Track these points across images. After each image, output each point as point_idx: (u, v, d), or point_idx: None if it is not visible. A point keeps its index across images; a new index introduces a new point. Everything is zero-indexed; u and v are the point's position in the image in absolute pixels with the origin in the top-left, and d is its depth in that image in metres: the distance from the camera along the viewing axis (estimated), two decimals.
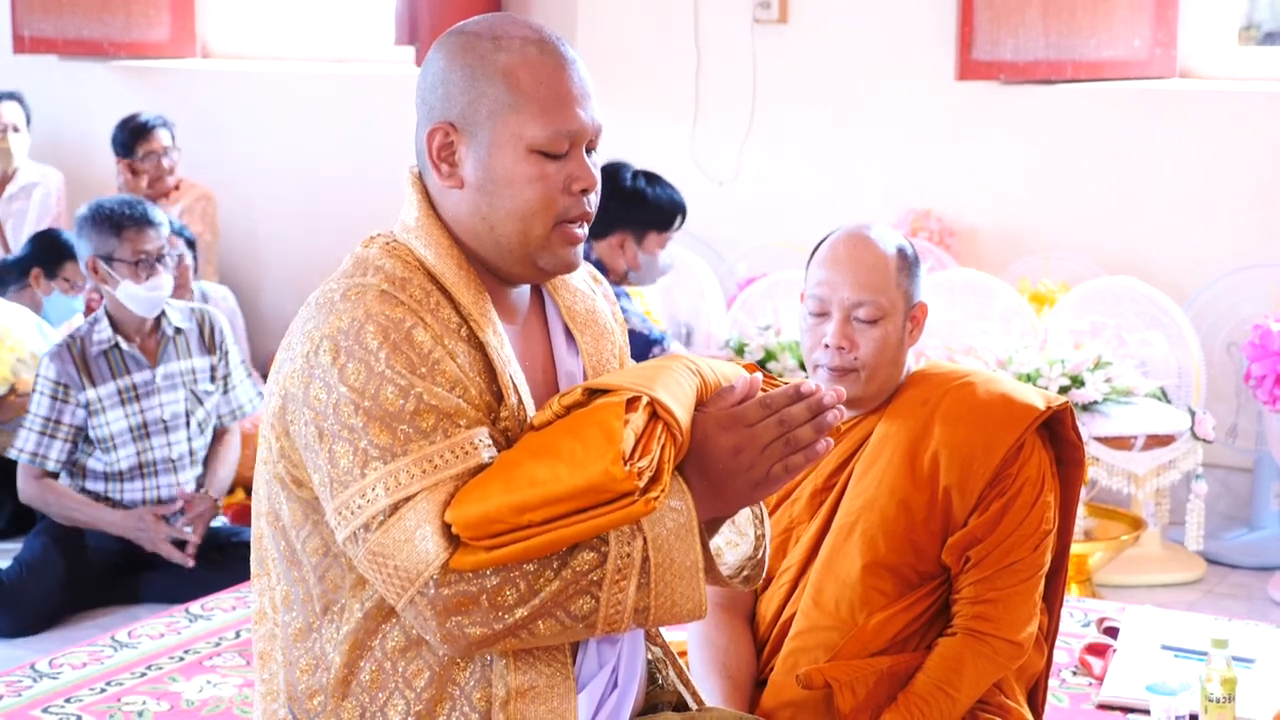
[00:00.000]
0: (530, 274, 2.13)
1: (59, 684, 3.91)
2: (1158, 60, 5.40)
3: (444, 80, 2.08)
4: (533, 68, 2.06)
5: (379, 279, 2.03)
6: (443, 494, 1.95)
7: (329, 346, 1.99)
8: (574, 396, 2.01)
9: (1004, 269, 5.52)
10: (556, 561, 1.94)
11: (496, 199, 2.07)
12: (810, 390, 2.02)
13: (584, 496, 1.90)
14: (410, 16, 6.20)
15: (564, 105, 2.06)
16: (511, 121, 2.05)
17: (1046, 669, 2.96)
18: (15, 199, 6.71)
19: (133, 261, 4.59)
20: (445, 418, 1.97)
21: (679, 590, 1.98)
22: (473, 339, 2.04)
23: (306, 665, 2.09)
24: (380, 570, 1.95)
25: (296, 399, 2.01)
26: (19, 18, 7.25)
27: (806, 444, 2.01)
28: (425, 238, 2.10)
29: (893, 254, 2.81)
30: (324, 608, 2.08)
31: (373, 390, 1.96)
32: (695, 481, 2.00)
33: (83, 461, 4.68)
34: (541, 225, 2.08)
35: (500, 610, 1.93)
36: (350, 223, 6.83)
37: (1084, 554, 4.65)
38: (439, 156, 2.09)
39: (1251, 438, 5.21)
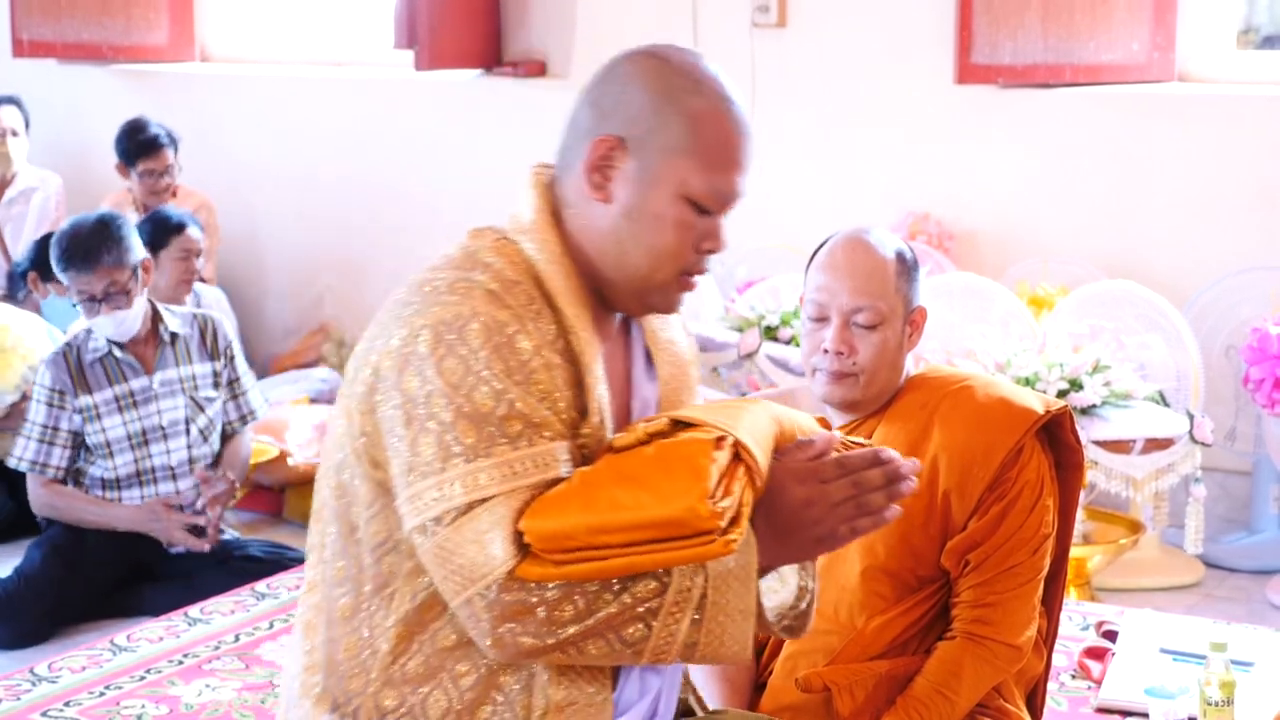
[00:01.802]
0: (633, 308, 2.15)
1: (58, 688, 3.91)
2: (1156, 64, 5.41)
3: (629, 97, 2.08)
4: (718, 125, 2.07)
5: (488, 277, 2.03)
6: (518, 501, 1.95)
7: (429, 336, 1.98)
8: (660, 425, 2.02)
9: (1003, 272, 5.52)
10: (617, 585, 1.94)
11: (639, 229, 2.07)
12: (889, 458, 2.03)
13: (664, 528, 1.90)
14: (409, 20, 6.20)
15: (730, 170, 2.09)
16: (681, 164, 2.06)
17: (1045, 672, 2.96)
18: (14, 203, 6.71)
19: (74, 301, 4.59)
20: (532, 427, 1.98)
21: (729, 631, 1.99)
22: (568, 353, 2.04)
23: (351, 646, 2.09)
24: (443, 565, 1.96)
25: (388, 382, 2.01)
26: (18, 21, 7.25)
27: (876, 509, 2.02)
28: (539, 241, 2.09)
29: (892, 258, 2.81)
30: (375, 590, 2.07)
31: (467, 388, 1.96)
32: (761, 528, 2.00)
33: (83, 468, 4.68)
34: (668, 271, 2.09)
35: (555, 625, 1.94)
36: (350, 226, 6.83)
37: (1083, 557, 4.65)
38: (597, 165, 2.08)
39: (1250, 441, 5.21)
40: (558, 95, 6.28)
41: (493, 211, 5.46)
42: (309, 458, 5.51)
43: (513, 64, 6.37)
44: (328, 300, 6.90)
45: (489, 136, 6.43)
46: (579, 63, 6.30)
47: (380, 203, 6.76)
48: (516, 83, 6.38)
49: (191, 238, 5.60)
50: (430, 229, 6.58)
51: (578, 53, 6.31)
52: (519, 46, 6.42)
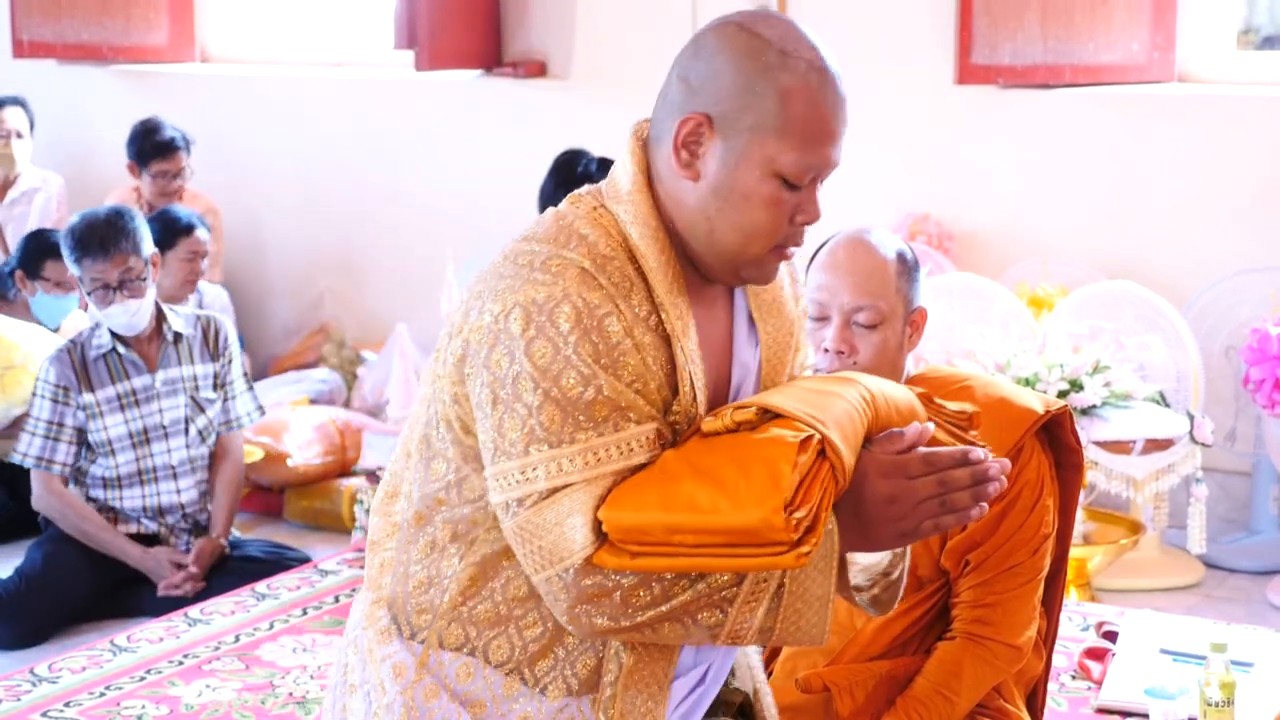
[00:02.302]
0: (728, 280, 2.11)
1: (58, 688, 3.91)
2: (1156, 64, 5.41)
3: (717, 73, 2.03)
4: (809, 98, 2.02)
5: (581, 253, 2.01)
6: (600, 488, 1.96)
7: (520, 315, 1.98)
8: (747, 415, 2.00)
9: (1002, 273, 5.52)
10: (694, 574, 1.96)
11: (727, 207, 2.04)
12: (978, 459, 2.01)
13: (738, 535, 1.91)
14: (409, 20, 6.20)
15: (822, 142, 2.05)
16: (770, 143, 2.02)
17: (1045, 673, 2.96)
18: (16, 204, 6.71)
19: (89, 290, 4.59)
20: (618, 411, 1.98)
21: (806, 617, 1.99)
22: (660, 329, 2.03)
23: (421, 581, 2.12)
24: (525, 545, 1.98)
25: (478, 357, 2.01)
26: (18, 22, 7.25)
27: (961, 508, 2.00)
28: (634, 212, 2.07)
29: (892, 258, 2.81)
30: (453, 535, 2.09)
31: (555, 372, 1.96)
32: (845, 517, 1.99)
33: (84, 468, 4.67)
34: (760, 247, 2.06)
35: (631, 609, 1.96)
36: (350, 226, 6.83)
37: (1083, 558, 4.65)
38: (684, 143, 2.04)
39: (1250, 441, 5.21)
40: (558, 95, 6.29)
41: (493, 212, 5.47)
42: (308, 459, 5.51)
43: (513, 64, 6.37)
44: (328, 301, 6.90)
45: (489, 137, 6.43)
46: (579, 63, 6.30)
47: (380, 203, 6.76)
48: (516, 83, 6.38)
49: (199, 239, 5.60)
50: (430, 229, 6.58)
51: (578, 53, 6.31)
52: (519, 47, 6.42)
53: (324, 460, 5.55)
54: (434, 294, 5.90)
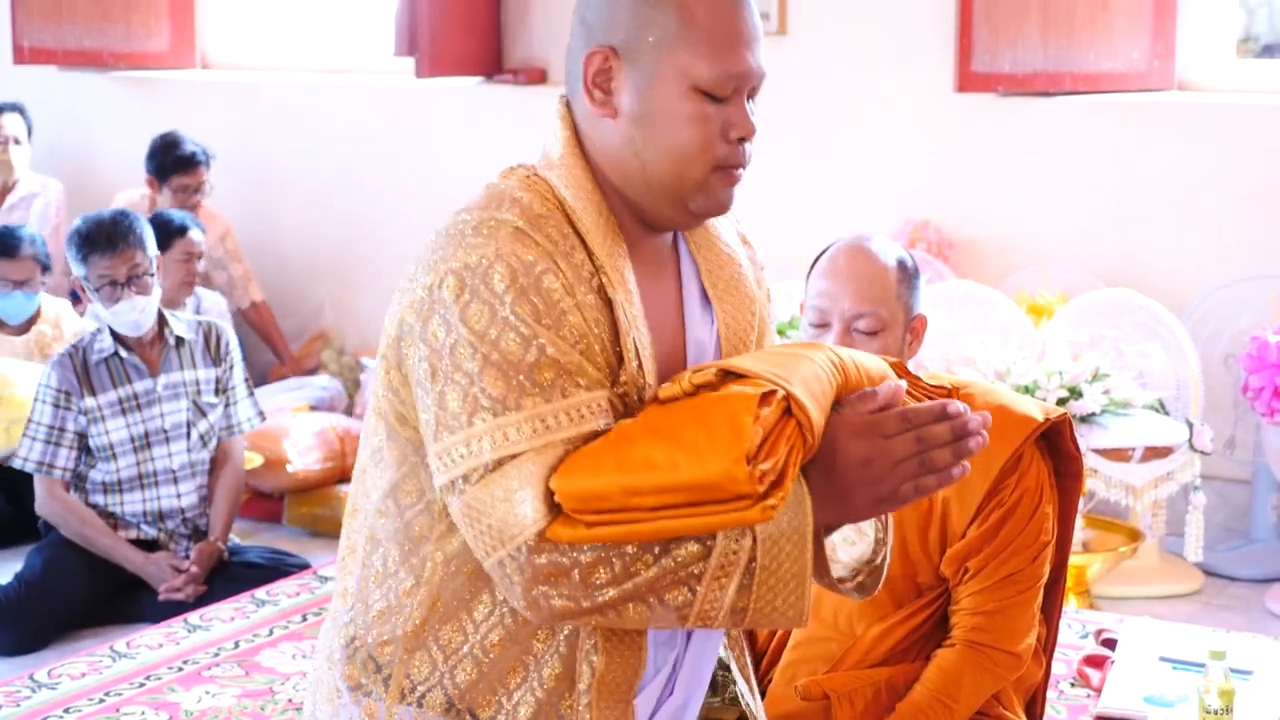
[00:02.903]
0: (678, 217, 2.01)
1: (57, 694, 3.91)
2: (1156, 72, 5.41)
3: (610, 3, 1.96)
4: (709, 2, 1.94)
5: (515, 213, 1.93)
6: (550, 457, 1.85)
7: (454, 282, 1.89)
8: (706, 376, 1.88)
9: (1002, 280, 5.53)
10: (658, 548, 1.83)
11: (652, 133, 1.96)
12: (957, 411, 1.87)
13: (699, 491, 1.78)
14: (410, 27, 6.20)
15: (734, 46, 1.95)
16: (679, 55, 1.94)
17: (1045, 680, 2.97)
18: (15, 210, 6.72)
19: (96, 287, 4.60)
20: (565, 374, 1.87)
21: (781, 596, 1.86)
22: (602, 292, 1.94)
23: (381, 611, 2.02)
24: (474, 525, 1.86)
25: (414, 332, 1.92)
26: (19, 29, 7.26)
27: (942, 466, 1.87)
28: (567, 175, 1.99)
29: (893, 266, 2.81)
30: (404, 555, 2.00)
31: (494, 336, 1.86)
32: (818, 485, 1.87)
33: (84, 473, 4.68)
34: (698, 169, 1.97)
35: (590, 588, 1.83)
36: (350, 233, 6.84)
37: (1082, 565, 4.65)
38: (594, 82, 1.97)
39: (1249, 449, 5.21)
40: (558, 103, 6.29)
41: None
42: (308, 464, 5.51)
43: (513, 71, 6.38)
44: (327, 307, 6.91)
45: (489, 144, 6.44)
46: None
47: (381, 210, 6.77)
48: (517, 90, 6.39)
49: (193, 240, 5.61)
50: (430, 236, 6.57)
51: None
52: (519, 54, 6.42)
53: (324, 466, 5.56)
54: None
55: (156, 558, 4.65)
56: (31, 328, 5.51)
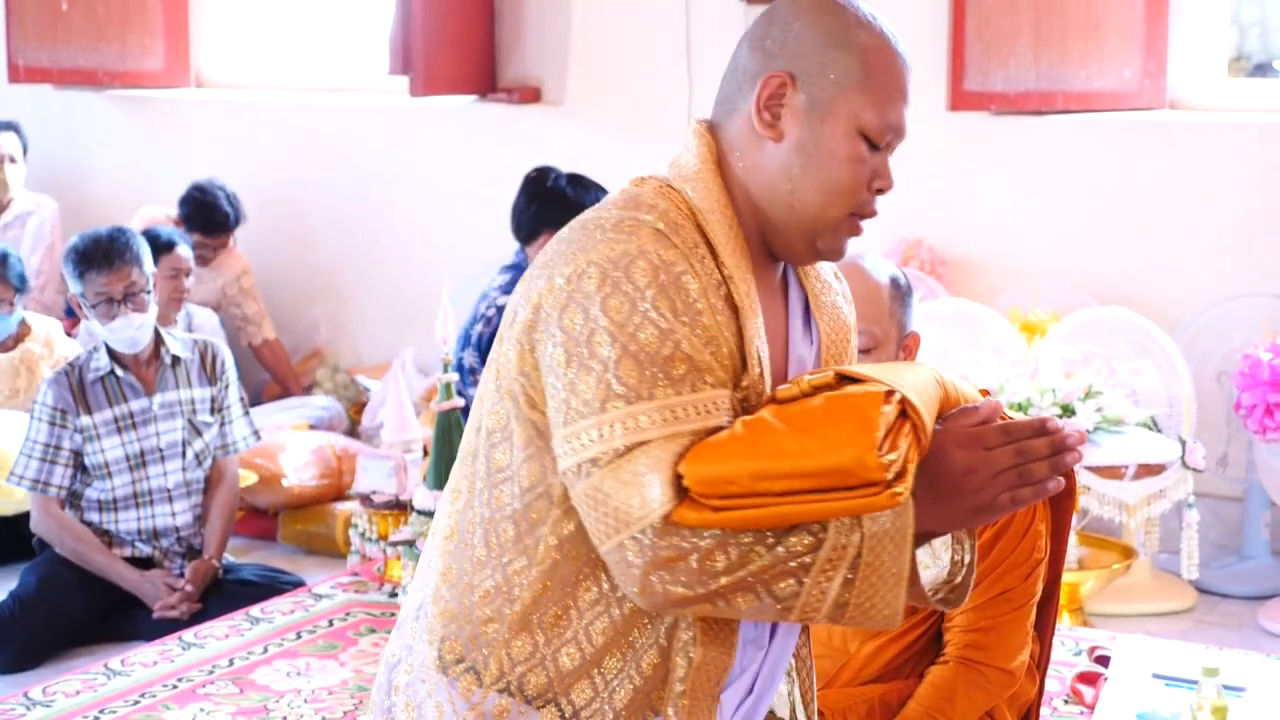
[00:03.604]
0: (802, 251, 2.12)
1: (52, 712, 3.91)
2: (1148, 91, 5.43)
3: (797, 34, 2.07)
4: (887, 58, 2.07)
5: (654, 217, 2.00)
6: (677, 446, 1.92)
7: (596, 274, 1.95)
8: (825, 378, 1.97)
9: (995, 298, 5.54)
10: (771, 537, 1.89)
11: (811, 164, 2.06)
12: (1056, 427, 1.97)
13: (830, 477, 1.86)
14: (404, 46, 6.22)
15: (899, 102, 2.08)
16: (854, 97, 2.05)
17: (1038, 697, 2.97)
18: (10, 228, 6.72)
19: (93, 304, 4.61)
20: (696, 370, 1.95)
21: (880, 594, 1.93)
22: (729, 300, 2.01)
23: (488, 590, 2.06)
24: (597, 508, 1.92)
25: (550, 318, 1.97)
26: (14, 47, 7.27)
27: (1039, 479, 1.96)
28: (704, 190, 2.07)
29: (886, 284, 2.82)
30: (517, 536, 2.04)
31: (632, 327, 1.93)
32: (921, 492, 1.94)
33: (79, 491, 4.68)
34: (840, 209, 2.08)
35: (706, 574, 1.89)
36: (344, 251, 6.84)
37: (1075, 583, 4.65)
38: (767, 103, 2.06)
39: (1242, 467, 5.22)
40: (552, 121, 6.31)
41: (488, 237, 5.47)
42: (303, 480, 5.51)
43: (507, 90, 6.39)
44: (322, 325, 6.91)
45: (484, 162, 6.45)
46: (573, 89, 6.32)
47: (375, 228, 6.77)
48: (511, 109, 6.40)
49: (180, 256, 5.62)
50: (425, 254, 6.59)
51: (572, 79, 6.33)
52: (513, 72, 6.44)
53: (318, 483, 5.55)
54: (429, 319, 5.91)
55: (151, 575, 4.65)
56: (17, 345, 5.50)
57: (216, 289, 6.48)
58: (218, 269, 6.48)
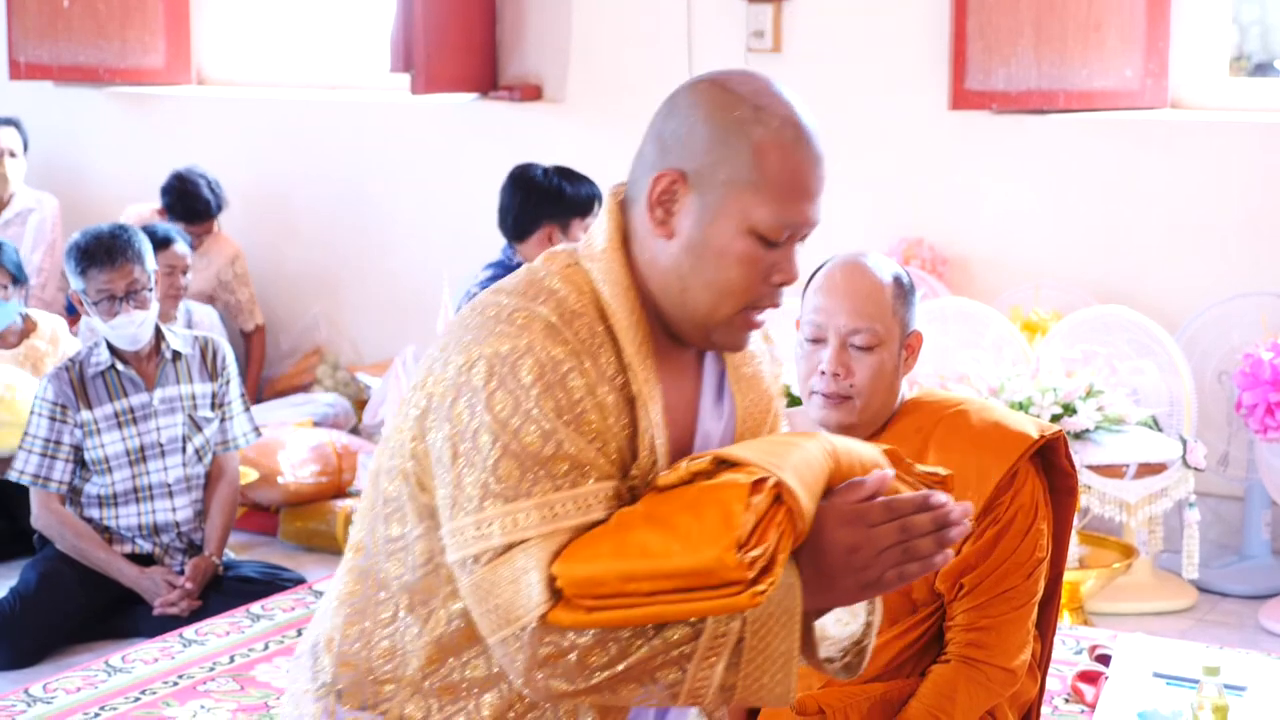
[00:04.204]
0: (698, 343, 2.09)
1: (53, 708, 3.91)
2: (1149, 90, 5.43)
3: (690, 129, 2.02)
4: (784, 152, 2.01)
5: (549, 307, 1.99)
6: (556, 543, 1.93)
7: (484, 367, 1.96)
8: (702, 464, 1.97)
9: (996, 297, 5.54)
10: (651, 629, 1.91)
11: (701, 264, 2.02)
12: (939, 503, 1.96)
13: (692, 577, 1.86)
14: (405, 44, 6.22)
15: (799, 199, 2.02)
16: (745, 197, 2.00)
17: (1039, 696, 2.97)
18: (10, 224, 6.72)
19: (95, 301, 4.61)
20: (578, 467, 1.95)
21: (768, 674, 1.94)
22: (625, 390, 2.01)
23: (385, 651, 2.08)
24: (480, 604, 1.95)
25: (440, 410, 1.99)
26: (15, 44, 7.27)
27: (924, 555, 1.95)
28: (607, 270, 2.05)
29: (889, 282, 2.82)
30: (411, 606, 2.06)
31: (515, 425, 1.94)
32: (806, 570, 1.95)
33: (79, 486, 4.68)
34: (731, 306, 2.03)
35: (588, 669, 1.91)
36: (346, 249, 6.84)
37: (1076, 581, 4.66)
38: (658, 200, 2.03)
39: (1243, 466, 5.22)
40: (553, 119, 6.31)
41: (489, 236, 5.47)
42: (300, 478, 5.51)
43: (508, 88, 6.39)
44: (322, 324, 6.91)
45: (484, 160, 6.45)
46: (574, 87, 6.32)
47: (376, 226, 6.77)
48: (512, 107, 6.40)
49: (177, 253, 5.62)
50: (426, 252, 6.59)
51: (573, 77, 6.33)
52: (515, 70, 6.44)
53: (317, 480, 5.55)
54: (429, 317, 5.91)
55: (151, 572, 4.65)
56: (23, 341, 5.50)
57: (211, 276, 6.47)
58: (208, 255, 6.46)
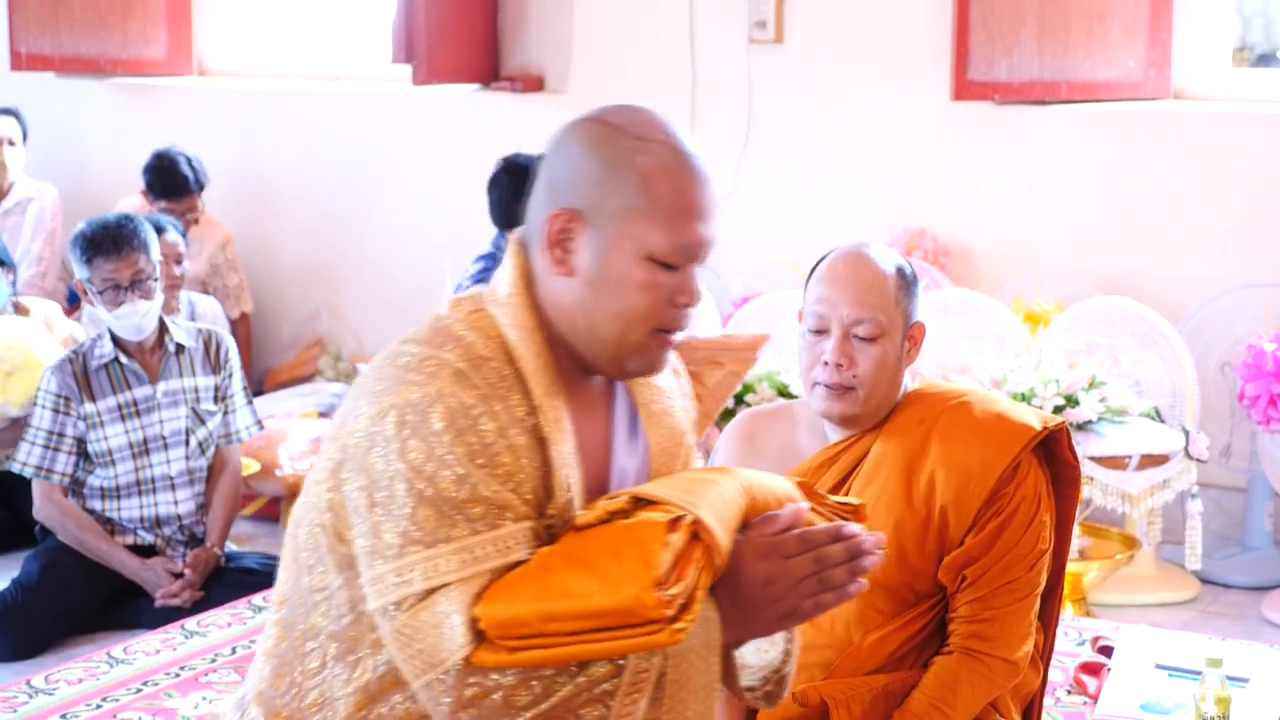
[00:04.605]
0: (614, 372, 2.12)
1: (54, 700, 3.91)
2: (1152, 81, 5.43)
3: (577, 167, 2.05)
4: (669, 176, 2.04)
5: (456, 355, 2.01)
6: (476, 585, 1.95)
7: (395, 417, 1.98)
8: (619, 504, 2.00)
9: (998, 288, 5.54)
10: (574, 668, 1.93)
11: (603, 296, 2.05)
12: (851, 534, 2.01)
13: (612, 617, 1.89)
14: (407, 34, 6.21)
15: (690, 220, 2.05)
16: (638, 225, 2.03)
17: (1042, 688, 2.97)
18: (10, 214, 6.72)
19: (100, 290, 4.60)
20: (494, 509, 1.97)
21: (691, 707, 1.98)
22: (537, 430, 2.03)
23: (314, 701, 2.10)
24: (404, 649, 1.97)
25: (355, 461, 2.01)
26: (16, 35, 7.26)
27: (838, 585, 2.00)
28: (513, 315, 2.07)
29: (892, 273, 2.82)
30: (338, 655, 2.08)
31: (429, 472, 1.96)
32: (724, 604, 1.99)
33: (81, 478, 4.68)
34: (640, 332, 2.07)
35: (513, 709, 1.93)
36: (347, 240, 6.84)
37: (1078, 573, 4.65)
38: (555, 240, 2.06)
39: (1245, 457, 5.22)
40: (555, 110, 6.30)
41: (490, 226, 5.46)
42: (298, 470, 5.51)
43: (510, 79, 6.39)
44: (324, 314, 6.91)
45: (486, 151, 6.43)
46: (576, 78, 6.31)
47: (377, 216, 6.77)
48: (514, 98, 6.39)
49: (169, 242, 5.60)
50: (427, 243, 6.59)
51: (575, 68, 6.32)
52: (517, 61, 6.43)
53: None
54: (430, 307, 5.89)
55: (153, 564, 4.65)
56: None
57: (203, 261, 6.46)
58: (200, 240, 6.44)
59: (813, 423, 2.92)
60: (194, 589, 4.61)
